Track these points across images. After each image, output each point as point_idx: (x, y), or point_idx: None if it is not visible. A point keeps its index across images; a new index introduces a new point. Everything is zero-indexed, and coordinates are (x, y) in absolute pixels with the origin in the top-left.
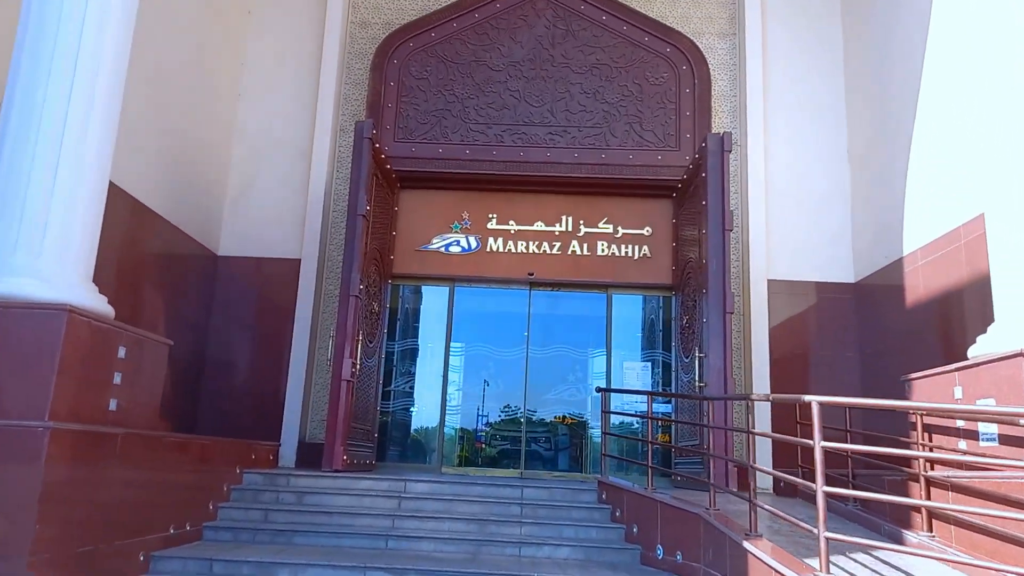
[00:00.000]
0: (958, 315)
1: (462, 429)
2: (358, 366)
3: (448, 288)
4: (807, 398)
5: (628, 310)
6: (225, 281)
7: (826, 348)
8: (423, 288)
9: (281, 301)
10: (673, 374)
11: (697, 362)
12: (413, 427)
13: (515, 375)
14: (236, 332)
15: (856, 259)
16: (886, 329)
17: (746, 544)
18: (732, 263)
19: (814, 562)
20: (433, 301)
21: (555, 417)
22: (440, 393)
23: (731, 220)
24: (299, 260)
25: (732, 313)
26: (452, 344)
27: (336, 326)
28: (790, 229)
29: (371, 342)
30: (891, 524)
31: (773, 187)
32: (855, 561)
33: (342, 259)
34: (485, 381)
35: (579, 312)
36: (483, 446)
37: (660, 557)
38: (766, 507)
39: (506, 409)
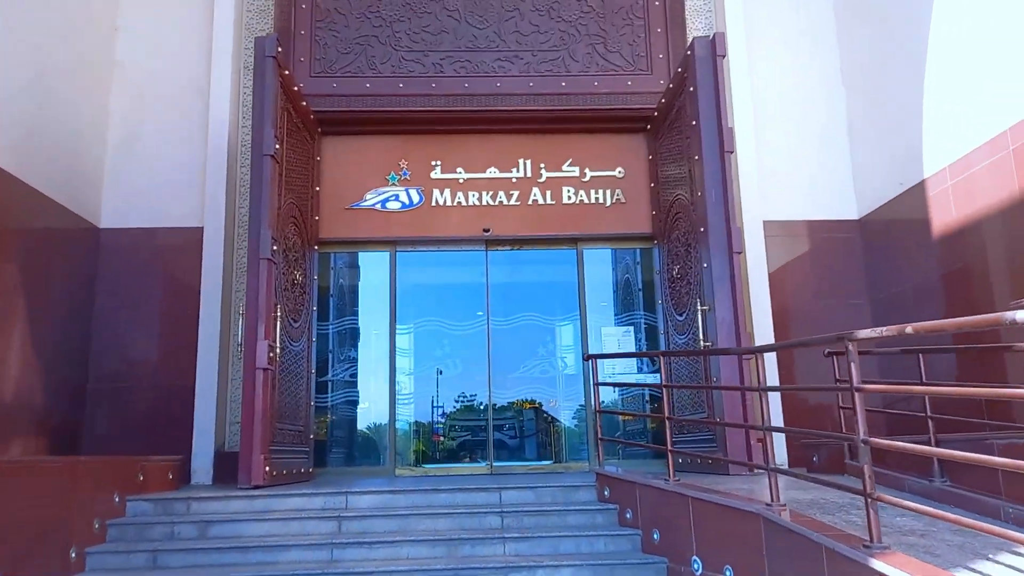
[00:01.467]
0: (1015, 237)
1: (417, 421)
2: (278, 350)
3: (388, 253)
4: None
5: (602, 267)
6: (111, 259)
7: (831, 296)
8: (359, 255)
9: (183, 278)
10: (662, 337)
11: (699, 317)
12: (359, 423)
13: (475, 353)
14: (129, 319)
15: (859, 192)
16: (902, 269)
17: (877, 564)
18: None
19: None
20: (372, 270)
21: (524, 400)
22: (388, 380)
23: (732, 139)
24: (201, 229)
25: (740, 253)
26: (398, 322)
27: (246, 300)
28: (782, 163)
29: (295, 321)
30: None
31: (762, 116)
32: None
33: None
34: (438, 370)
35: (546, 273)
36: (442, 439)
37: (699, 573)
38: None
39: (466, 395)
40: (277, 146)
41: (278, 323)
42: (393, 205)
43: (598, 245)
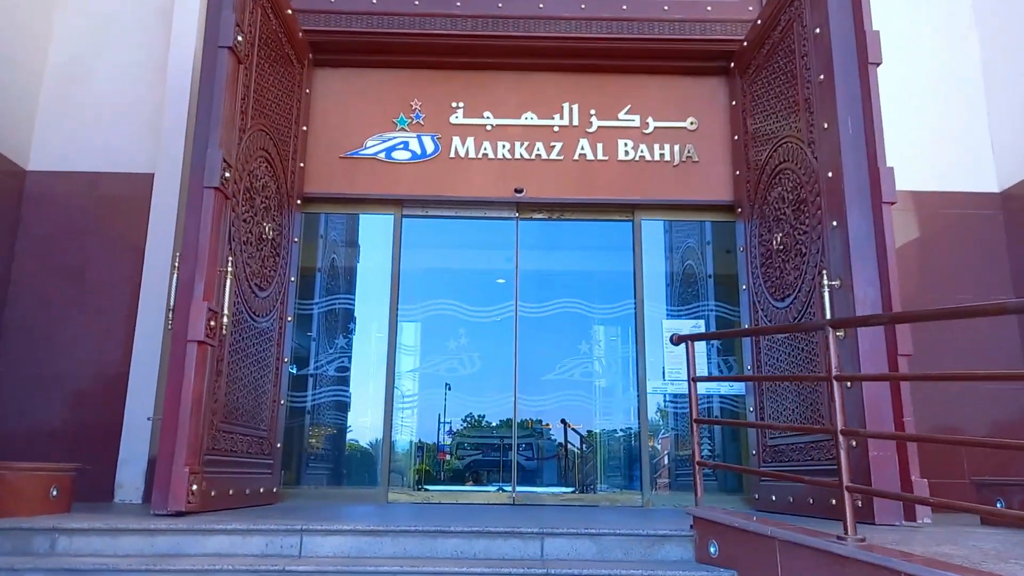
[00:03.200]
0: None
1: (419, 433)
2: (227, 321)
3: (393, 216)
4: None
5: (665, 243)
6: (38, 210)
7: (965, 282)
8: (356, 219)
9: (126, 236)
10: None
11: (826, 295)
12: (348, 432)
13: (498, 348)
14: (56, 286)
15: (1001, 161)
16: None
17: None
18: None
19: None
20: (371, 236)
21: (557, 408)
22: (385, 378)
23: (877, 46)
24: (152, 175)
25: (893, 204)
26: (402, 305)
27: (182, 247)
28: (906, 121)
29: (262, 290)
30: None
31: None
32: None
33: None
34: (447, 385)
35: (592, 249)
36: (448, 457)
37: None
38: None
39: (485, 400)
40: (240, 38)
41: (229, 282)
42: (401, 155)
43: (661, 215)
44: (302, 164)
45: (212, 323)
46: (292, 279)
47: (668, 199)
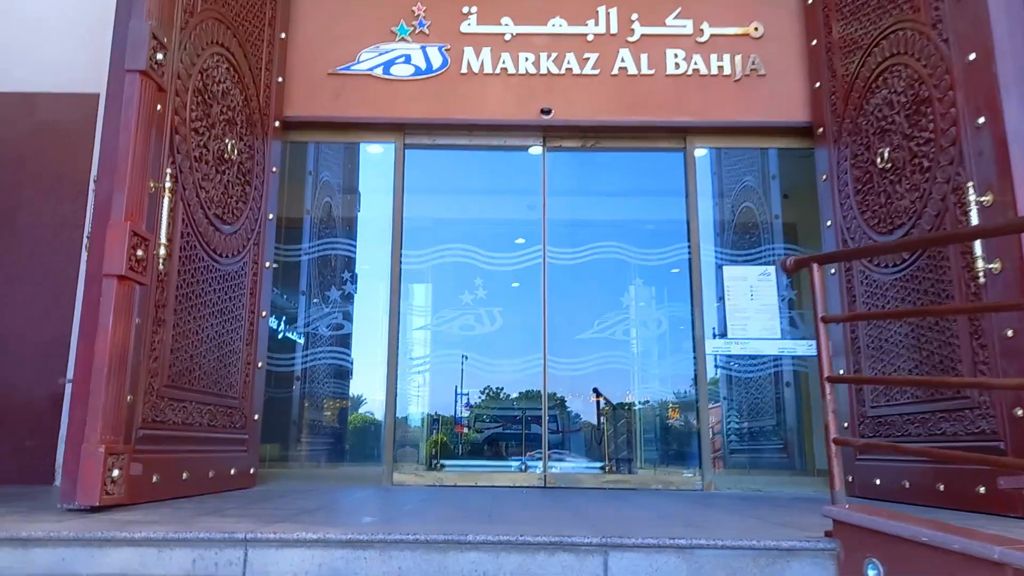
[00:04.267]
0: None
1: (432, 404)
2: (164, 255)
3: (394, 145)
4: None
5: (724, 175)
6: None
7: None
8: (354, 147)
9: (67, 170)
10: (835, 277)
11: (973, 214)
12: (348, 401)
13: (522, 302)
14: None
15: None
16: None
17: None
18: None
19: None
20: (368, 169)
21: (594, 374)
22: (387, 339)
23: None
24: (98, 96)
25: None
26: (406, 250)
27: (100, 152)
28: None
29: (226, 223)
30: None
31: None
32: None
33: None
34: (463, 356)
35: (635, 183)
36: (466, 430)
37: None
38: None
39: (509, 366)
40: None
41: (168, 202)
42: (402, 70)
43: (719, 141)
44: (280, 79)
45: (140, 252)
46: (270, 216)
47: (728, 120)
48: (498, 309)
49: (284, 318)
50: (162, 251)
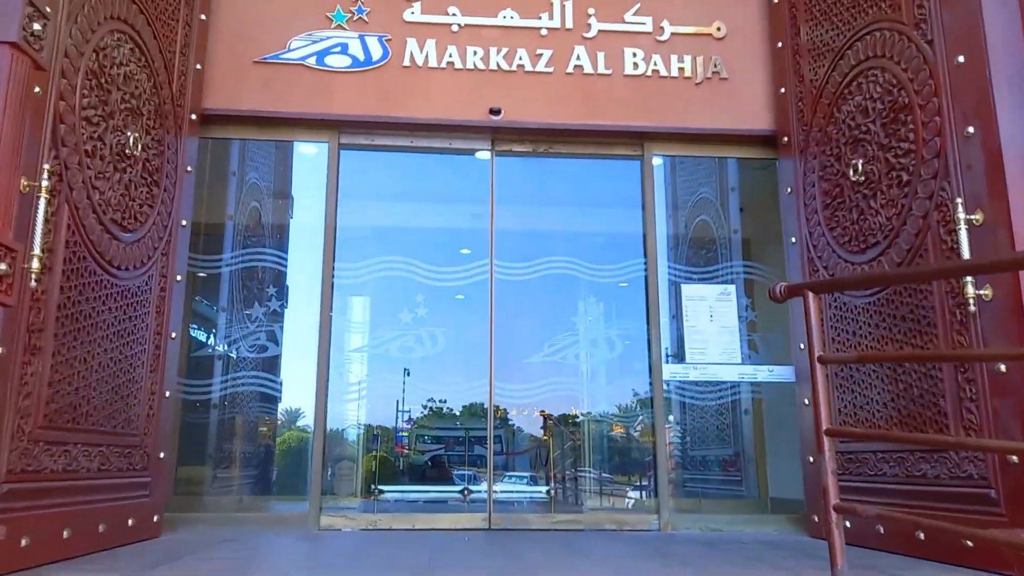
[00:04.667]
0: None
1: (369, 427)
2: (39, 266)
3: (327, 145)
4: None
5: (680, 185)
6: None
7: None
8: (281, 145)
9: None
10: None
11: (963, 235)
12: (276, 431)
13: (467, 321)
14: None
15: None
16: None
17: None
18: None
19: None
20: (303, 171)
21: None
22: (316, 362)
23: None
24: None
25: None
26: (339, 263)
27: None
28: None
29: (127, 230)
30: None
31: None
32: None
33: None
34: (405, 369)
35: (589, 192)
36: (407, 451)
37: None
38: None
39: (451, 390)
40: None
41: (44, 205)
42: (338, 61)
43: (678, 148)
44: (199, 66)
45: (3, 266)
46: (183, 223)
47: (688, 127)
48: (440, 329)
49: (202, 337)
50: (35, 264)
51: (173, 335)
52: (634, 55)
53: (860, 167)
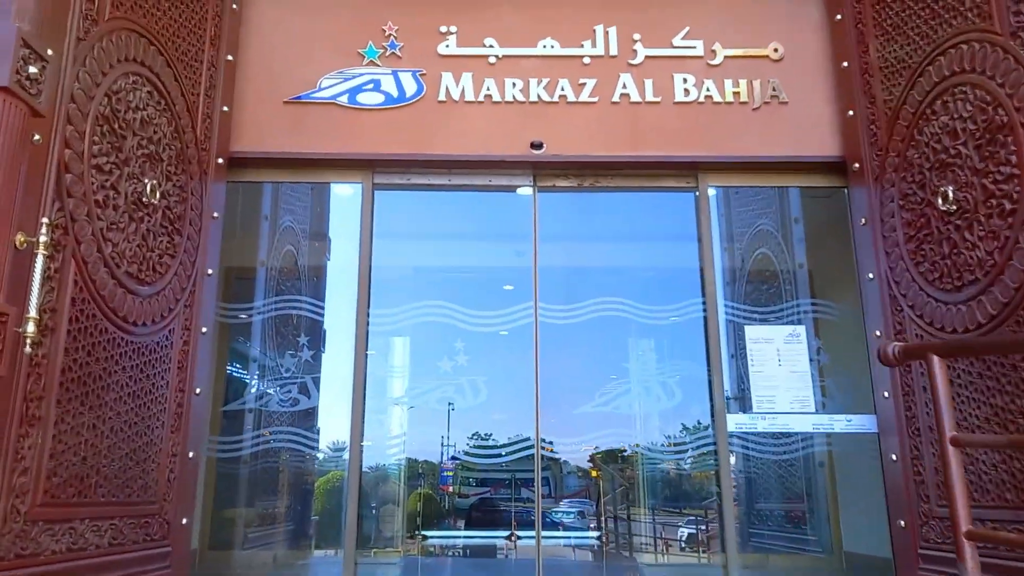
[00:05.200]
0: None
1: (412, 462)
2: (34, 329)
3: (361, 186)
4: None
5: (734, 217)
6: None
7: None
8: (317, 187)
9: None
10: (872, 338)
11: None
12: (315, 485)
13: (510, 368)
14: None
15: None
16: None
17: None
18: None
19: None
20: (333, 213)
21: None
22: (350, 415)
23: None
24: None
25: None
26: (374, 309)
27: None
28: None
29: (144, 283)
30: None
31: None
32: None
33: None
34: (449, 404)
35: (638, 226)
36: (453, 491)
37: None
38: None
39: (489, 438)
40: None
41: (41, 261)
42: (371, 98)
43: (735, 178)
44: (226, 108)
45: None
46: (209, 271)
47: (746, 156)
48: (482, 378)
49: (232, 391)
50: (31, 328)
51: (198, 391)
52: (684, 81)
53: (950, 195)
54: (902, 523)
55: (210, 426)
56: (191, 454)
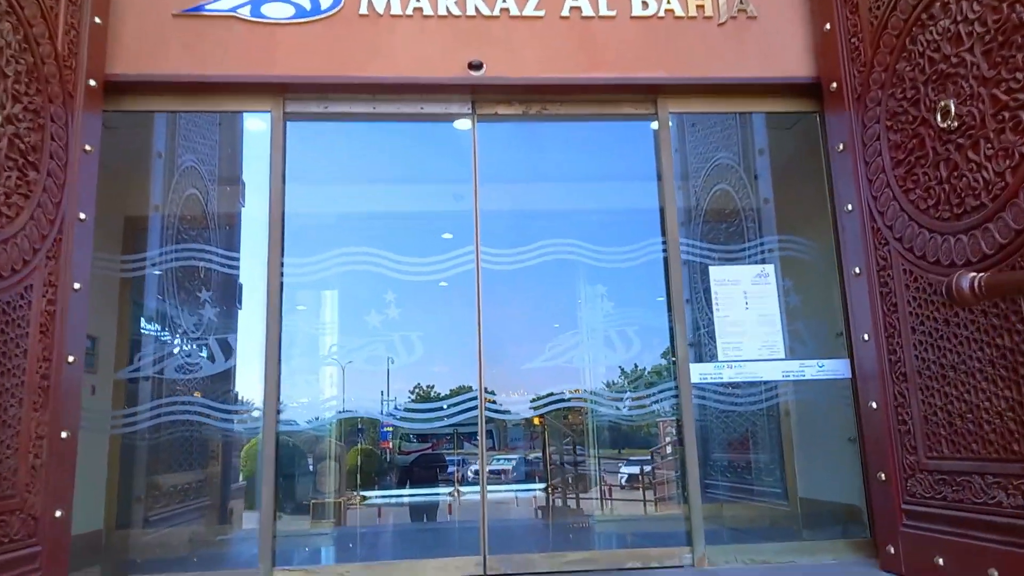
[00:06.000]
0: None
1: (351, 419)
2: None
3: (270, 115)
4: None
5: (689, 149)
6: None
7: None
8: (212, 122)
9: None
10: (854, 276)
11: None
12: (233, 456)
13: (449, 320)
14: None
15: None
16: None
17: None
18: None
19: None
20: (247, 153)
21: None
22: (264, 382)
23: None
24: None
25: None
26: (290, 257)
27: None
28: None
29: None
30: None
31: None
32: None
33: None
34: (389, 358)
35: (591, 160)
36: (392, 448)
37: None
38: None
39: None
40: None
41: None
42: (279, 11)
43: (698, 103)
44: (98, 20)
45: None
46: (82, 216)
47: (710, 76)
48: (419, 333)
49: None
50: None
51: (71, 359)
52: None
53: (952, 109)
54: (882, 476)
55: (112, 399)
56: (64, 434)
